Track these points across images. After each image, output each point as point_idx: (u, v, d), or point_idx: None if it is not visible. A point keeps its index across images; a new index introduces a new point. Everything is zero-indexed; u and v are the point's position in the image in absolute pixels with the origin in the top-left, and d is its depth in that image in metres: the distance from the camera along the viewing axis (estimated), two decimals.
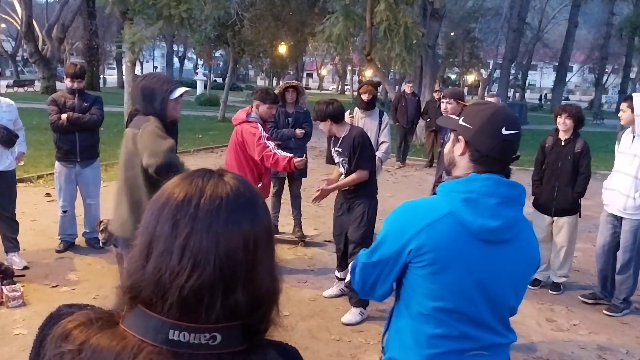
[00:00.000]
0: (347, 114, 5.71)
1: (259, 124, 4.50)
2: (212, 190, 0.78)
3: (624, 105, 4.28)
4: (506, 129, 1.50)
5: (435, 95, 12.68)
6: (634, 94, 4.39)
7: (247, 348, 0.78)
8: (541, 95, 47.62)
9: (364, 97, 5.52)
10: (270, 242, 0.82)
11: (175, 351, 0.72)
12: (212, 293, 0.73)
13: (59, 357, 0.74)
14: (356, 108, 5.68)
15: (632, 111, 4.15)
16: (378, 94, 5.67)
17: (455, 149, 1.59)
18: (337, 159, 4.31)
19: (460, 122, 1.59)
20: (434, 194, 1.61)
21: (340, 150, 4.20)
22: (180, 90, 3.06)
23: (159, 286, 0.74)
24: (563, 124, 4.62)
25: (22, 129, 4.89)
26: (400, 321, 1.61)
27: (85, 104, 5.08)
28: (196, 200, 0.77)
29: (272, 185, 5.88)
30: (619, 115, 4.36)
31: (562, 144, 4.67)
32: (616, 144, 4.50)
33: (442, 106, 4.69)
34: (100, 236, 4.22)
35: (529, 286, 4.91)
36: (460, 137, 1.58)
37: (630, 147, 4.26)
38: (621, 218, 4.38)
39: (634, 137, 4.25)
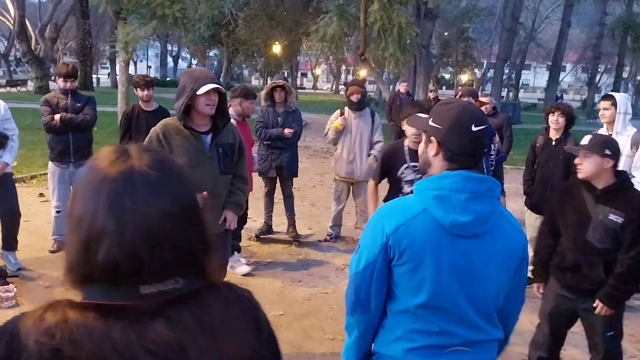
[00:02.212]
0: (337, 112, 5.72)
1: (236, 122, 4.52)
2: (129, 170, 0.83)
3: (606, 104, 4.31)
4: (475, 126, 1.55)
5: (430, 95, 12.72)
6: (613, 93, 4.45)
7: (203, 286, 0.88)
8: (558, 95, 42.62)
9: (353, 98, 5.50)
10: (193, 211, 0.88)
11: (148, 303, 0.81)
12: (152, 272, 0.82)
13: (50, 337, 0.76)
14: (346, 109, 5.66)
15: (616, 109, 4.21)
16: (368, 93, 5.66)
17: (428, 150, 1.63)
18: (410, 177, 3.51)
19: (430, 122, 1.63)
20: None
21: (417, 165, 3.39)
22: (208, 86, 2.79)
23: (107, 271, 0.80)
24: (556, 122, 4.64)
25: (13, 137, 4.57)
26: (385, 318, 1.65)
27: (78, 104, 5.06)
28: (115, 183, 0.81)
29: (264, 185, 5.90)
30: (600, 114, 4.40)
31: (553, 143, 4.69)
32: None
33: None
34: None
35: None
36: (432, 138, 1.61)
37: None
38: None
39: (609, 135, 4.31)
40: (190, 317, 0.83)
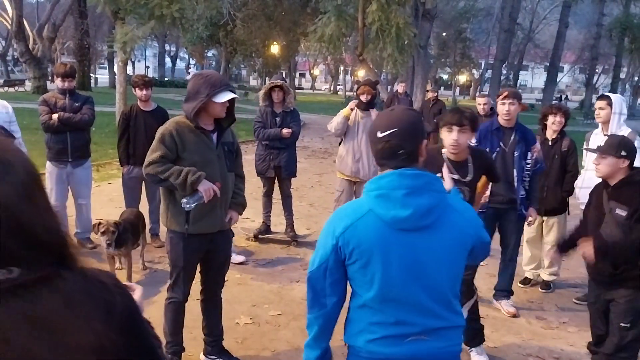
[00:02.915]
0: (349, 107, 5.71)
1: None
2: None
3: (602, 103, 4.33)
4: (381, 132, 1.64)
5: (428, 95, 12.74)
6: (609, 94, 4.48)
7: (42, 276, 0.85)
8: (562, 97, 41.40)
9: (363, 98, 5.47)
10: (8, 206, 0.85)
11: None
12: None
13: None
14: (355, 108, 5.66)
15: (611, 109, 4.23)
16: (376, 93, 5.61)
17: None
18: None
19: None
20: None
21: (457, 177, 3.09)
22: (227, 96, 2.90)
23: None
24: (558, 122, 4.64)
25: (19, 139, 4.50)
26: (349, 312, 1.77)
27: (76, 104, 5.07)
28: None
29: (262, 185, 5.91)
30: (596, 114, 4.42)
31: (550, 143, 4.70)
32: (584, 144, 4.57)
33: (505, 107, 4.05)
34: (104, 238, 4.19)
35: (519, 284, 4.96)
36: None
37: None
38: None
39: (605, 136, 4.31)
40: (18, 311, 0.81)
